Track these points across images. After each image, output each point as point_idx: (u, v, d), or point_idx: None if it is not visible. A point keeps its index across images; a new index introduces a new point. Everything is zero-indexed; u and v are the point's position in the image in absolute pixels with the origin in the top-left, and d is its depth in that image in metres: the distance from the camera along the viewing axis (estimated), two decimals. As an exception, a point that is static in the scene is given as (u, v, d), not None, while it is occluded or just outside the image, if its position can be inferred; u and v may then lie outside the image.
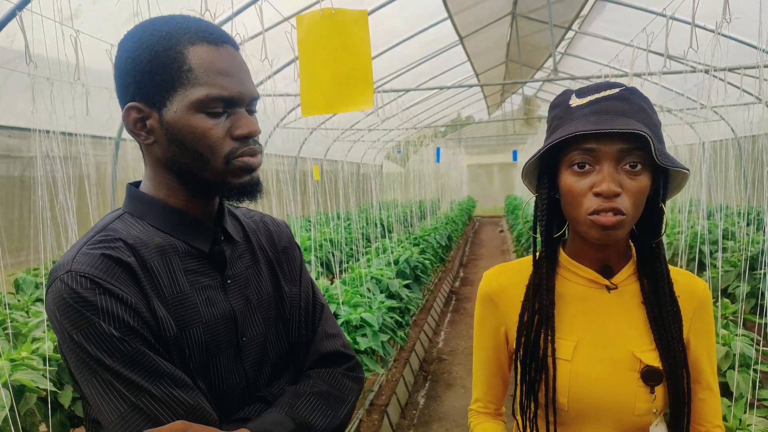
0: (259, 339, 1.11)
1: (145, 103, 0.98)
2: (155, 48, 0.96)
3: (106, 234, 0.99)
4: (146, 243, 1.00)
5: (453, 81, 10.06)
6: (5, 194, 4.42)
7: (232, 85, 0.98)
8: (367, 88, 1.97)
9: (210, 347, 1.02)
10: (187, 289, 1.01)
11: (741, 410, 2.71)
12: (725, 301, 4.00)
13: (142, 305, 0.94)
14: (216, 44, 0.99)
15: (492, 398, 1.31)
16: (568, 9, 6.84)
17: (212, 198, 1.08)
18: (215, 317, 1.03)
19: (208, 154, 0.98)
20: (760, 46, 2.77)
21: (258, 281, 1.14)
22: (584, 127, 1.02)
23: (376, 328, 3.94)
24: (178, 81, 0.96)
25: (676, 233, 6.60)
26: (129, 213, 1.05)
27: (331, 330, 1.23)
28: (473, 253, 13.86)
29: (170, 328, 0.96)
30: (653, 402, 1.10)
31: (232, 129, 0.99)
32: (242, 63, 1.03)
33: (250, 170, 1.02)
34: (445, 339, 6.74)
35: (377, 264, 5.86)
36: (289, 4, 4.86)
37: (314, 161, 10.67)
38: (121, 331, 0.90)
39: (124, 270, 0.94)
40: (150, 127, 0.99)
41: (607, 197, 1.02)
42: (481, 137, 22.48)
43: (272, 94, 4.84)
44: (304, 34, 2.01)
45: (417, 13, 6.61)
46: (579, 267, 1.18)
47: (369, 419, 4.28)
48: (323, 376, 1.15)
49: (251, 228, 1.21)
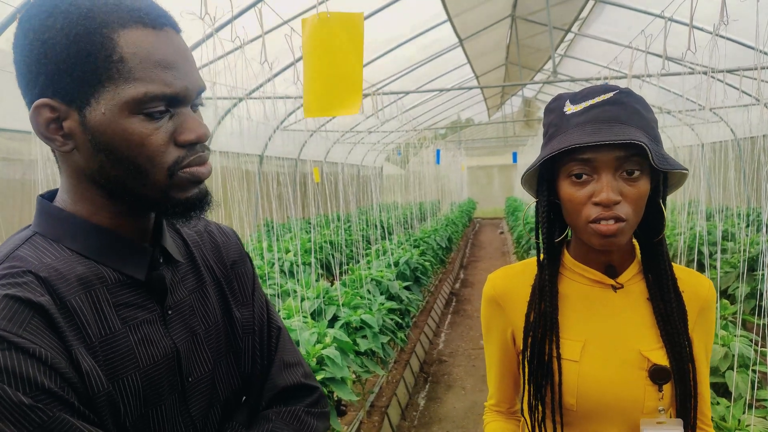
0: (207, 377, 0.94)
1: (60, 100, 0.78)
2: (74, 29, 0.75)
3: (10, 265, 0.78)
4: (64, 275, 0.80)
5: (453, 83, 10.08)
6: (6, 197, 4.44)
7: (177, 79, 0.79)
8: (355, 93, 1.97)
9: (149, 397, 0.84)
10: (119, 328, 0.82)
11: (740, 411, 2.72)
12: (725, 302, 4.02)
13: (61, 359, 0.74)
14: (154, 27, 0.79)
15: (504, 397, 1.32)
16: (567, 11, 6.85)
17: (148, 213, 0.89)
18: (155, 359, 0.85)
19: (147, 166, 0.80)
20: (757, 47, 2.78)
21: (204, 308, 0.97)
22: (579, 138, 1.03)
23: (376, 329, 3.95)
24: (106, 74, 0.76)
25: (676, 234, 6.60)
26: (41, 234, 0.84)
27: (290, 358, 1.06)
28: (473, 254, 13.87)
29: (99, 382, 0.78)
30: (661, 400, 1.11)
31: (177, 133, 0.81)
32: (186, 50, 0.84)
33: (198, 182, 0.85)
34: (446, 341, 6.75)
35: (377, 266, 5.87)
36: (288, 7, 4.87)
37: (314, 163, 10.68)
38: (33, 396, 0.71)
39: (35, 314, 0.74)
40: (68, 130, 0.79)
41: (607, 206, 1.03)
42: (481, 139, 22.50)
43: (272, 96, 4.86)
44: (307, 37, 2.02)
45: (417, 16, 6.63)
46: (584, 268, 1.19)
47: (369, 421, 4.29)
48: (284, 418, 0.99)
49: (194, 241, 1.02)
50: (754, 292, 4.91)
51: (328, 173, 11.80)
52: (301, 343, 3.22)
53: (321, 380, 3.03)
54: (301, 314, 3.77)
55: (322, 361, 3.11)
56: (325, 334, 3.37)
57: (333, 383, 3.06)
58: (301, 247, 6.84)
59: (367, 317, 3.97)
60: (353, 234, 8.96)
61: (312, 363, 3.09)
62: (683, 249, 5.39)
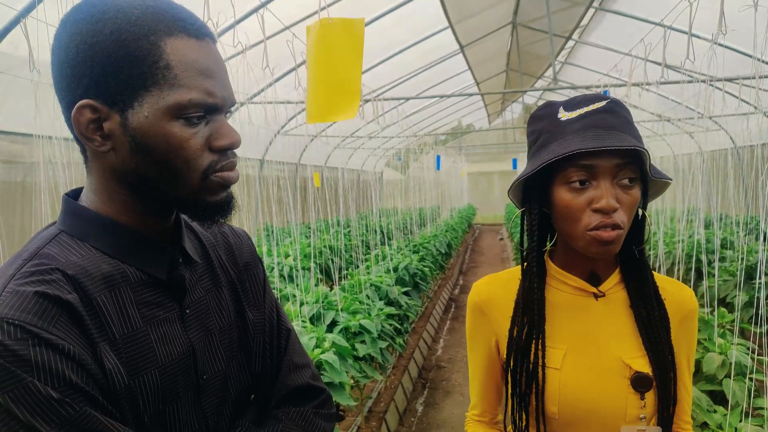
0: (221, 375, 0.97)
1: (102, 102, 0.80)
2: (123, 35, 0.78)
3: (39, 262, 0.80)
4: (90, 273, 0.82)
5: (454, 89, 10.11)
6: (7, 200, 4.44)
7: (217, 88, 0.84)
8: (353, 98, 1.98)
9: (166, 393, 0.87)
10: (141, 326, 0.85)
11: (737, 419, 2.72)
12: (722, 310, 4.02)
13: (87, 355, 0.77)
14: (197, 37, 0.83)
15: (487, 407, 1.31)
16: (568, 19, 6.88)
17: (172, 214, 0.93)
18: (173, 357, 0.88)
19: (183, 168, 0.83)
20: (755, 56, 2.80)
21: (219, 307, 1.00)
22: (583, 143, 1.03)
23: (374, 334, 3.96)
24: (152, 79, 0.79)
25: (675, 242, 6.61)
26: (67, 233, 0.86)
27: (299, 359, 1.10)
28: (473, 260, 13.87)
29: (120, 378, 0.81)
30: (643, 408, 1.11)
31: (212, 139, 0.85)
32: (222, 61, 0.88)
33: (227, 186, 0.89)
34: (444, 346, 6.75)
35: (377, 271, 5.88)
36: (290, 12, 4.90)
37: (315, 168, 10.70)
38: (61, 391, 0.73)
39: (64, 311, 0.76)
40: (108, 131, 0.81)
41: (607, 213, 1.03)
42: (481, 145, 22.54)
43: (273, 101, 4.88)
44: (311, 43, 2.03)
45: (418, 22, 6.65)
46: (567, 276, 1.19)
47: (367, 426, 4.29)
48: (293, 418, 1.02)
49: (210, 242, 1.05)
50: (752, 301, 4.91)
51: (328, 178, 11.82)
52: (300, 347, 3.23)
53: (319, 385, 3.03)
54: (300, 319, 3.78)
55: (321, 366, 3.11)
56: (324, 339, 3.38)
57: (331, 388, 3.07)
58: (300, 252, 6.85)
59: (365, 322, 3.98)
60: (353, 239, 8.98)
61: (310, 367, 3.09)
62: (682, 257, 5.40)
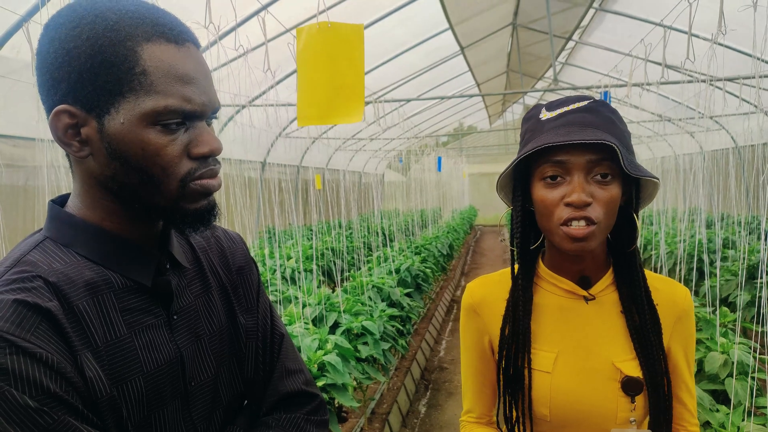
0: (210, 381, 0.96)
1: (80, 107, 0.80)
2: (99, 41, 0.78)
3: (21, 269, 0.79)
4: (73, 280, 0.81)
5: (454, 90, 10.12)
6: (9, 203, 4.46)
7: (196, 95, 0.82)
8: (358, 101, 2.00)
9: (152, 401, 0.86)
10: (125, 333, 0.84)
11: (739, 418, 2.73)
12: (724, 309, 4.02)
13: (67, 363, 0.76)
14: (177, 43, 0.82)
15: (483, 409, 1.32)
16: (568, 20, 6.89)
17: (159, 220, 0.91)
18: (159, 364, 0.87)
19: (161, 176, 0.82)
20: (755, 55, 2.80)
21: (209, 313, 0.98)
22: (553, 138, 1.05)
23: (377, 336, 3.96)
24: (128, 85, 0.79)
25: (677, 242, 6.61)
26: (51, 239, 0.85)
27: (292, 365, 1.08)
28: (475, 262, 13.87)
29: (102, 386, 0.79)
30: (633, 411, 1.11)
31: (191, 146, 0.83)
32: (205, 67, 0.86)
33: (208, 194, 0.87)
34: (447, 348, 6.75)
35: (378, 273, 5.89)
36: (291, 15, 4.91)
37: (316, 170, 10.72)
38: (39, 399, 0.72)
39: (43, 319, 0.76)
40: (85, 136, 0.81)
41: (578, 207, 1.05)
42: (482, 146, 22.56)
43: (274, 103, 4.89)
44: (303, 46, 2.05)
45: (418, 24, 6.66)
46: (557, 278, 1.20)
47: (370, 427, 4.29)
48: (283, 425, 1.01)
49: (201, 246, 1.04)
50: (754, 300, 4.91)
51: (329, 180, 11.83)
52: (303, 349, 3.24)
53: (322, 386, 3.04)
54: (302, 320, 3.79)
55: (324, 368, 3.12)
56: (327, 341, 3.39)
57: (334, 389, 3.08)
58: (302, 254, 6.86)
59: (368, 324, 3.98)
60: (354, 241, 8.98)
61: (313, 369, 3.11)
62: (683, 257, 5.40)
